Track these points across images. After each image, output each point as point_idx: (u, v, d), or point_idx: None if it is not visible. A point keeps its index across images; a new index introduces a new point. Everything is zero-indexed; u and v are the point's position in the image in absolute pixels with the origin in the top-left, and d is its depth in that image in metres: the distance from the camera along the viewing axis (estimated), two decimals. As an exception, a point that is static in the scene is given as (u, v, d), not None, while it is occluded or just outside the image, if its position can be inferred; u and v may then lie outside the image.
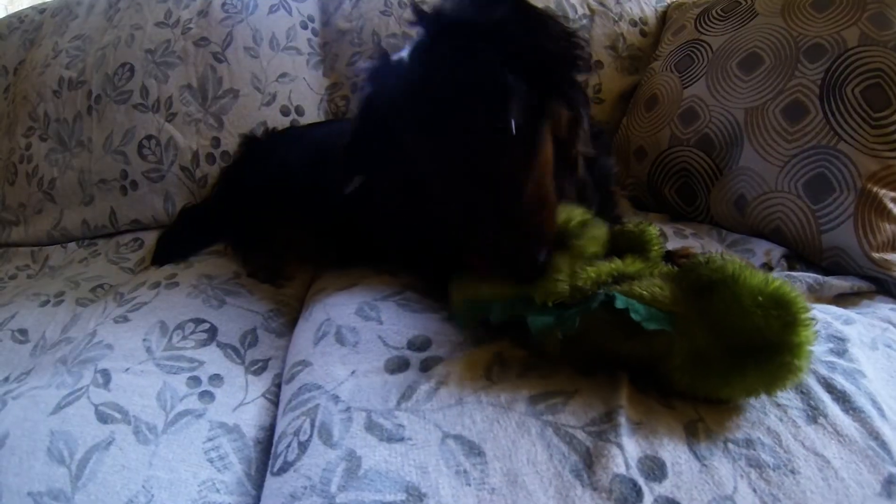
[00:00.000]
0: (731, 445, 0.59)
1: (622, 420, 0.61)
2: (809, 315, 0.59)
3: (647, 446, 0.59)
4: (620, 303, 0.61)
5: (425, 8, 0.75)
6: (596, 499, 0.54)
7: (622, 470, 0.57)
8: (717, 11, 1.31)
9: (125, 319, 0.96)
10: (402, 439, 0.61)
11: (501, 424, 0.62)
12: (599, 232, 0.73)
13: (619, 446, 0.58)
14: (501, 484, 0.56)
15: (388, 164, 0.80)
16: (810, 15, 1.07)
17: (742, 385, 0.60)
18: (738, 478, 0.56)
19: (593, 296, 0.64)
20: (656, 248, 0.75)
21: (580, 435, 0.61)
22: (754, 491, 0.55)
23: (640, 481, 0.56)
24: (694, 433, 0.60)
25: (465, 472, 0.57)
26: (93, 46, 1.59)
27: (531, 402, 0.65)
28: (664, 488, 0.55)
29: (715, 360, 0.60)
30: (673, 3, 1.59)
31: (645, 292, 0.63)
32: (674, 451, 0.58)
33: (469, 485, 0.56)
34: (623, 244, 0.75)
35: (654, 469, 0.57)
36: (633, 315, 0.60)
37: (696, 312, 0.62)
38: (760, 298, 0.59)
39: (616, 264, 0.69)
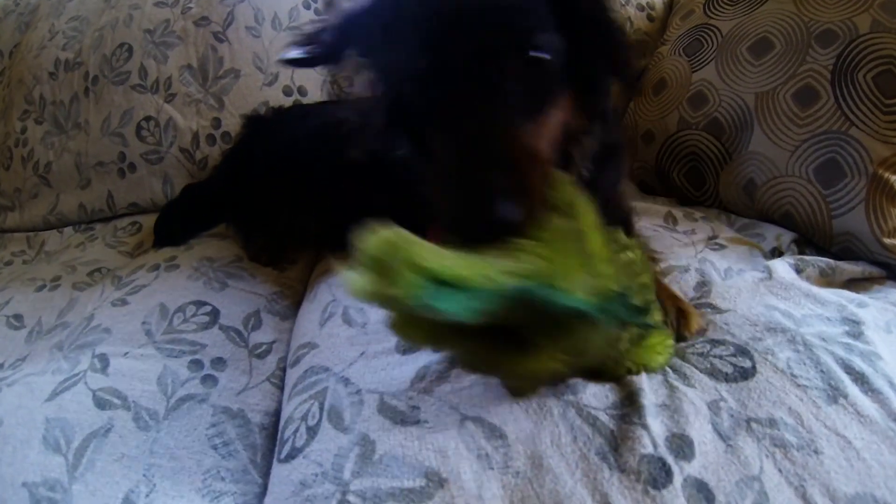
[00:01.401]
0: (754, 425, 0.58)
1: (645, 402, 0.60)
2: None
3: (673, 425, 0.58)
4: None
5: None
6: (625, 481, 0.53)
7: (650, 450, 0.55)
8: (725, -4, 1.29)
9: (124, 303, 0.93)
10: (418, 422, 0.59)
11: (521, 406, 0.60)
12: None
13: (645, 427, 0.58)
14: (526, 467, 0.55)
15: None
16: (822, 1, 1.06)
17: None
18: (764, 458, 0.55)
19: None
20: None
21: (603, 417, 0.59)
22: (780, 471, 0.54)
23: (670, 460, 0.55)
24: (717, 412, 0.60)
25: (487, 455, 0.55)
26: (90, 27, 1.55)
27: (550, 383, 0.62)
28: (693, 468, 0.54)
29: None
30: (680, -13, 1.57)
31: None
32: (700, 430, 0.58)
33: (492, 468, 0.54)
34: None
35: (683, 447, 0.56)
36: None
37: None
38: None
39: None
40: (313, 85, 1.46)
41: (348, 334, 0.76)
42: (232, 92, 1.40)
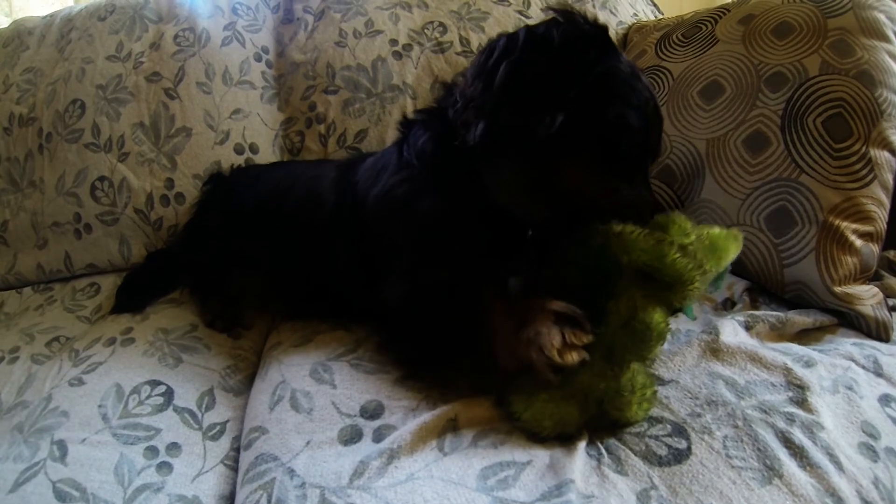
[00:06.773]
0: (683, 515, 0.59)
1: (572, 496, 0.61)
2: None
3: (597, 520, 0.59)
4: None
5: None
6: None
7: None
8: (677, 36, 1.29)
9: (80, 382, 0.95)
10: (354, 521, 0.62)
11: (452, 502, 0.63)
12: None
13: None
14: (451, 566, 0.57)
15: None
16: (771, 42, 1.06)
17: None
18: (690, 550, 0.56)
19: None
20: None
21: (530, 511, 0.60)
22: (706, 563, 0.55)
23: None
24: (646, 502, 0.61)
25: (415, 554, 0.58)
26: (43, 80, 1.54)
27: (482, 475, 0.65)
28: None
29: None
30: (634, 25, 1.57)
31: None
32: (625, 526, 0.58)
33: (419, 568, 0.57)
34: None
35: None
36: None
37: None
38: None
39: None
40: (265, 142, 1.48)
41: (296, 421, 0.79)
42: (184, 151, 1.41)
